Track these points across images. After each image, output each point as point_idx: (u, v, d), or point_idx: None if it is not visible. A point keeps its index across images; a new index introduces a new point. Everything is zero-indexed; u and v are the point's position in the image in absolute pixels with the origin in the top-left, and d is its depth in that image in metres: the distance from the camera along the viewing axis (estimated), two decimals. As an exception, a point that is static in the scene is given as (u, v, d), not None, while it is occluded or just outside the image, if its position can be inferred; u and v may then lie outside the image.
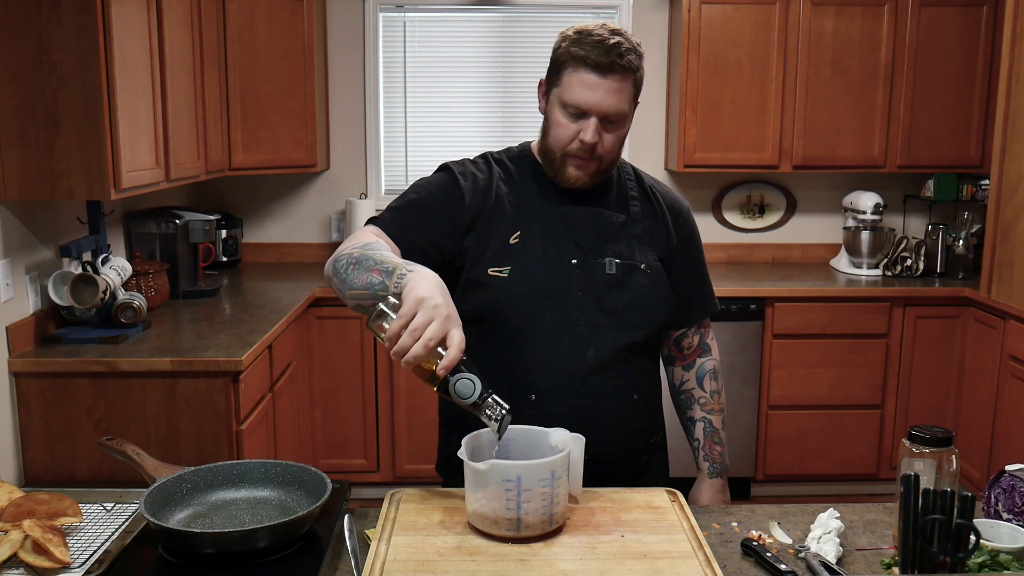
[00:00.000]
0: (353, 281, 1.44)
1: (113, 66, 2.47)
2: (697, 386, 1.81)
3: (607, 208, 1.67)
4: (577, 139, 1.58)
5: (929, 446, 1.37)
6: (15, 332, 2.57)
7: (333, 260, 1.52)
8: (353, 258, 1.46)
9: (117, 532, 1.42)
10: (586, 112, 1.56)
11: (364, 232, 1.59)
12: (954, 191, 4.11)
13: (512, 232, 1.63)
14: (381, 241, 1.55)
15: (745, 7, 3.92)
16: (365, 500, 3.62)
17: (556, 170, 1.63)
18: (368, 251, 1.46)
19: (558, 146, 1.60)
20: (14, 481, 2.53)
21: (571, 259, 1.63)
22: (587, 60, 1.54)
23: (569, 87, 1.56)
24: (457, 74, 4.31)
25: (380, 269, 1.41)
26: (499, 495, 1.31)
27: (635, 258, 1.66)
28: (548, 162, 1.65)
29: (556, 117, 1.60)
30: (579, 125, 1.57)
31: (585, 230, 1.65)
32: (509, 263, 1.62)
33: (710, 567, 1.25)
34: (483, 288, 1.62)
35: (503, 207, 1.65)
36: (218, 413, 2.58)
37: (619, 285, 1.64)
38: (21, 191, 2.49)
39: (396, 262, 1.42)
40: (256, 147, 3.77)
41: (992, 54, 3.94)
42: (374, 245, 1.50)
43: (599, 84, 1.54)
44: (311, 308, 3.69)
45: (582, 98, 1.55)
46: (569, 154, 1.60)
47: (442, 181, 1.69)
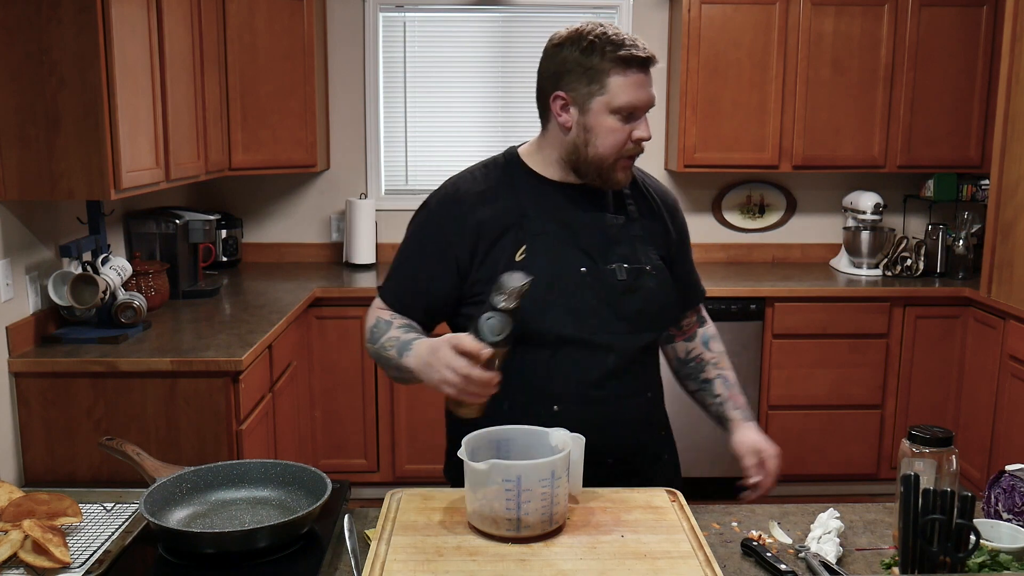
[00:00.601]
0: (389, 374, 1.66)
1: (113, 66, 2.47)
2: (705, 349, 1.81)
3: (606, 211, 1.66)
4: (630, 140, 1.57)
5: (929, 446, 1.37)
6: (15, 332, 2.57)
7: (372, 355, 1.70)
8: (373, 356, 1.68)
9: (117, 532, 1.42)
10: (637, 111, 1.56)
11: (370, 312, 1.71)
12: (954, 191, 4.11)
13: (516, 248, 1.61)
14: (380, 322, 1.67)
15: (745, 7, 3.92)
16: (365, 500, 3.62)
17: (604, 176, 1.61)
18: (373, 345, 1.66)
19: (612, 152, 1.58)
20: (14, 481, 2.53)
21: (580, 267, 1.61)
22: (633, 61, 1.55)
23: (620, 91, 1.55)
24: (457, 74, 4.31)
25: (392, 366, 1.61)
26: (499, 495, 1.31)
27: (640, 260, 1.65)
28: (594, 171, 1.61)
29: (606, 124, 1.56)
30: (631, 126, 1.57)
31: (589, 236, 1.63)
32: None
33: (710, 567, 1.25)
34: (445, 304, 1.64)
35: (501, 225, 1.62)
36: (218, 413, 2.58)
37: (630, 290, 1.63)
38: (21, 191, 2.49)
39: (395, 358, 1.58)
40: (256, 147, 3.77)
41: (992, 54, 3.94)
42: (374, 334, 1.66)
43: (646, 80, 1.57)
44: (311, 308, 3.69)
45: (636, 98, 1.55)
46: (624, 157, 1.59)
47: (432, 224, 1.66)
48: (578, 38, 1.59)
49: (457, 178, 1.70)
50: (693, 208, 4.41)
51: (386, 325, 1.64)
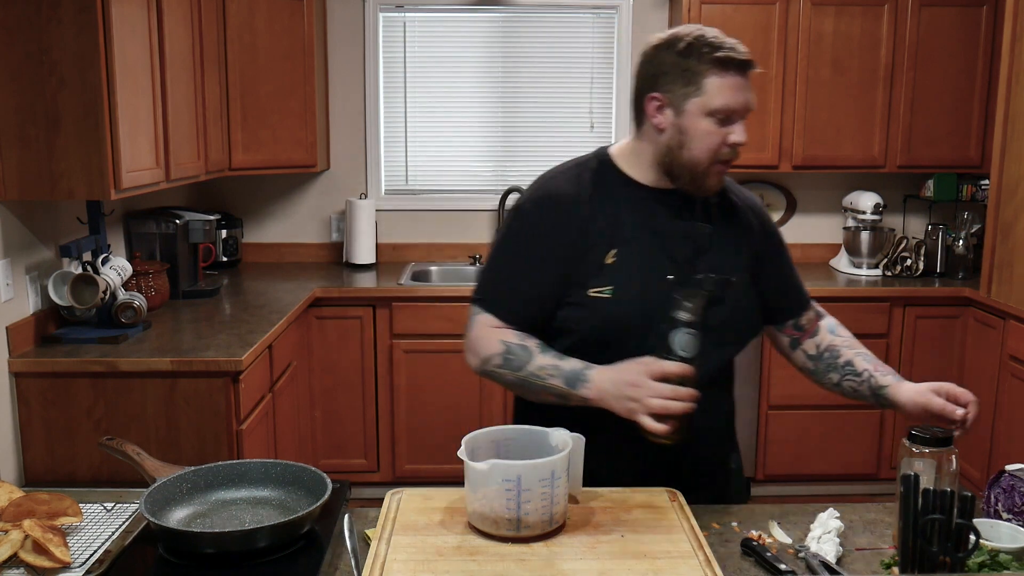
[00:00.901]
0: (530, 397, 1.60)
1: (113, 66, 2.47)
2: (834, 336, 1.76)
3: (695, 219, 1.63)
4: (726, 144, 1.55)
5: (929, 446, 1.37)
6: (15, 332, 2.57)
7: (482, 372, 1.63)
8: (509, 382, 1.60)
9: (117, 532, 1.42)
10: (734, 115, 1.54)
11: (486, 335, 1.61)
12: (954, 191, 4.11)
13: (608, 251, 1.59)
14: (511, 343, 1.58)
15: (745, 7, 3.92)
16: (365, 500, 3.62)
17: (697, 181, 1.59)
18: (518, 373, 1.57)
19: (707, 156, 1.56)
20: (14, 481, 2.53)
21: (667, 275, 1.59)
22: (732, 63, 1.52)
23: (717, 93, 1.53)
24: (457, 74, 4.31)
25: (552, 394, 1.55)
26: (499, 495, 1.31)
27: (727, 270, 1.62)
28: (685, 173, 1.58)
29: (702, 127, 1.55)
30: (727, 129, 1.55)
31: (678, 246, 1.61)
32: (609, 283, 1.58)
33: (710, 567, 1.26)
34: (583, 308, 1.59)
35: (596, 226, 1.60)
36: (218, 413, 2.58)
37: (717, 302, 1.59)
38: (21, 191, 2.49)
39: (559, 387, 1.53)
40: (256, 147, 3.77)
41: (992, 54, 3.93)
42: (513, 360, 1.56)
43: (744, 84, 1.55)
44: (311, 308, 3.69)
45: (734, 101, 1.53)
46: (719, 161, 1.56)
47: (529, 234, 1.63)
48: (676, 40, 1.56)
49: (550, 180, 1.67)
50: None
51: (525, 351, 1.57)
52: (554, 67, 4.30)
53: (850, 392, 1.72)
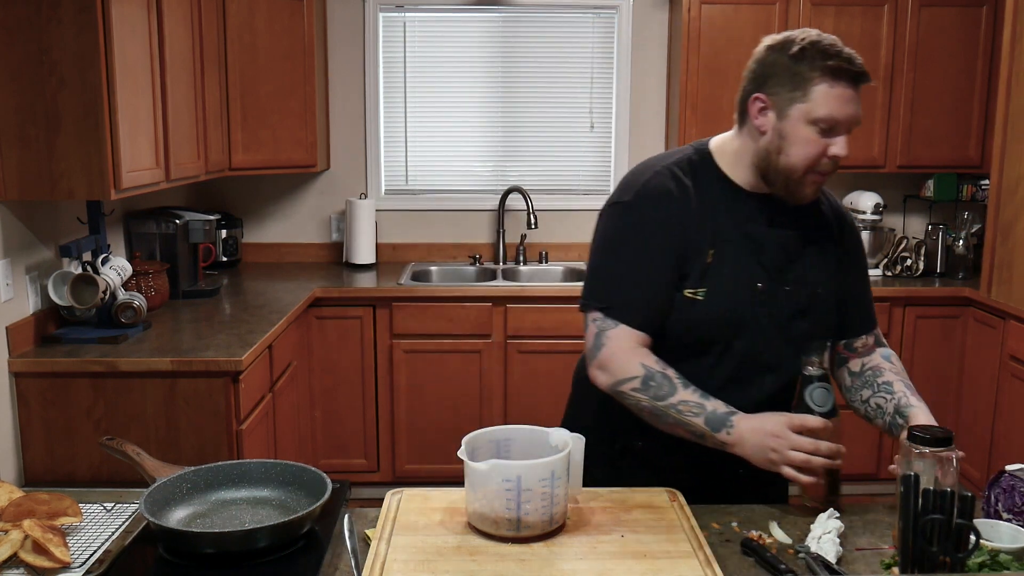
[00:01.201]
0: (659, 425, 1.56)
1: (113, 66, 2.47)
2: (884, 361, 1.72)
3: (788, 227, 1.61)
4: (825, 156, 1.52)
5: (929, 446, 1.37)
6: (15, 332, 2.57)
7: (614, 392, 1.57)
8: (644, 408, 1.55)
9: (117, 532, 1.42)
10: (838, 126, 1.51)
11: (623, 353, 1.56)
12: (954, 191, 4.11)
13: (707, 251, 1.57)
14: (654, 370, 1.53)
15: (745, 7, 3.92)
16: (365, 500, 3.62)
17: (791, 188, 1.56)
18: (657, 402, 1.53)
19: (804, 164, 1.53)
20: (14, 481, 2.53)
21: (757, 283, 1.58)
22: (844, 73, 1.48)
23: (824, 102, 1.49)
24: (457, 74, 4.31)
25: (686, 430, 1.53)
26: (499, 495, 1.31)
27: (813, 282, 1.61)
28: (780, 179, 1.56)
29: (803, 134, 1.52)
30: (829, 140, 1.51)
31: (770, 252, 1.59)
32: (704, 284, 1.56)
33: (710, 567, 1.26)
34: (679, 310, 1.57)
35: (700, 222, 1.58)
36: (218, 413, 2.58)
37: (801, 313, 1.59)
38: (21, 191, 2.49)
39: (699, 425, 1.51)
40: (256, 147, 3.77)
41: (992, 54, 3.93)
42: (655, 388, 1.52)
43: (854, 97, 1.50)
44: (311, 308, 3.69)
45: (840, 112, 1.49)
46: (815, 171, 1.54)
47: (644, 231, 1.58)
48: (789, 43, 1.53)
49: (654, 175, 1.61)
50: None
51: (667, 381, 1.53)
52: (554, 67, 4.30)
53: (874, 410, 1.68)
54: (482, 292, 3.79)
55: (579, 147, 4.35)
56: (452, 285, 3.92)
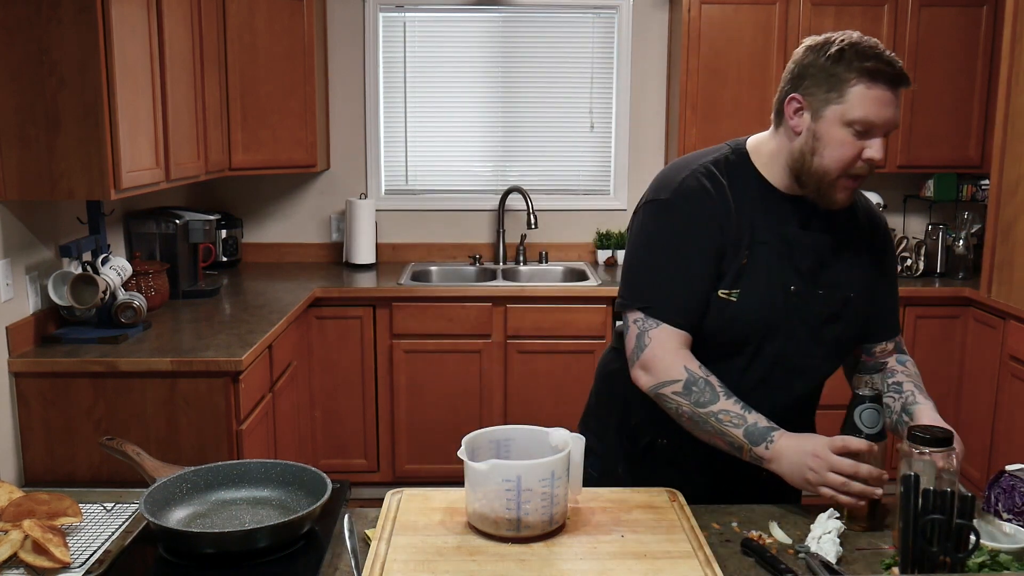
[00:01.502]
0: (691, 430, 1.56)
1: (113, 66, 2.47)
2: (898, 364, 1.71)
3: (823, 231, 1.60)
4: (861, 159, 1.49)
5: (929, 446, 1.37)
6: (15, 332, 2.57)
7: (655, 394, 1.56)
8: (684, 413, 1.54)
9: (117, 532, 1.42)
10: (873, 129, 1.48)
11: (666, 355, 1.54)
12: (954, 191, 4.11)
13: (743, 252, 1.56)
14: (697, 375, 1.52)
15: (745, 7, 3.92)
16: (365, 500, 3.62)
17: (824, 191, 1.54)
18: (698, 409, 1.52)
19: (839, 166, 1.50)
20: (14, 481, 2.53)
21: (790, 286, 1.57)
22: (882, 75, 1.46)
23: (859, 104, 1.47)
24: (457, 74, 4.31)
25: (723, 440, 1.52)
26: (499, 495, 1.31)
27: (846, 287, 1.60)
28: (814, 183, 1.54)
29: (838, 136, 1.49)
30: (864, 143, 1.49)
31: (805, 257, 1.58)
32: (738, 286, 1.56)
33: (710, 567, 1.26)
34: (713, 310, 1.56)
35: (738, 223, 1.57)
36: (218, 413, 2.58)
37: (834, 318, 1.58)
38: (21, 191, 2.49)
39: (738, 437, 1.49)
40: (256, 147, 3.77)
41: (992, 54, 3.93)
42: (697, 395, 1.51)
43: (891, 100, 1.48)
44: (311, 308, 3.69)
45: (876, 115, 1.47)
46: (849, 175, 1.51)
47: (684, 228, 1.57)
48: (828, 44, 1.51)
49: (690, 174, 1.60)
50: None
51: (710, 389, 1.52)
52: (554, 67, 4.30)
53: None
54: (482, 292, 3.79)
55: (579, 147, 4.35)
56: (452, 285, 3.92)
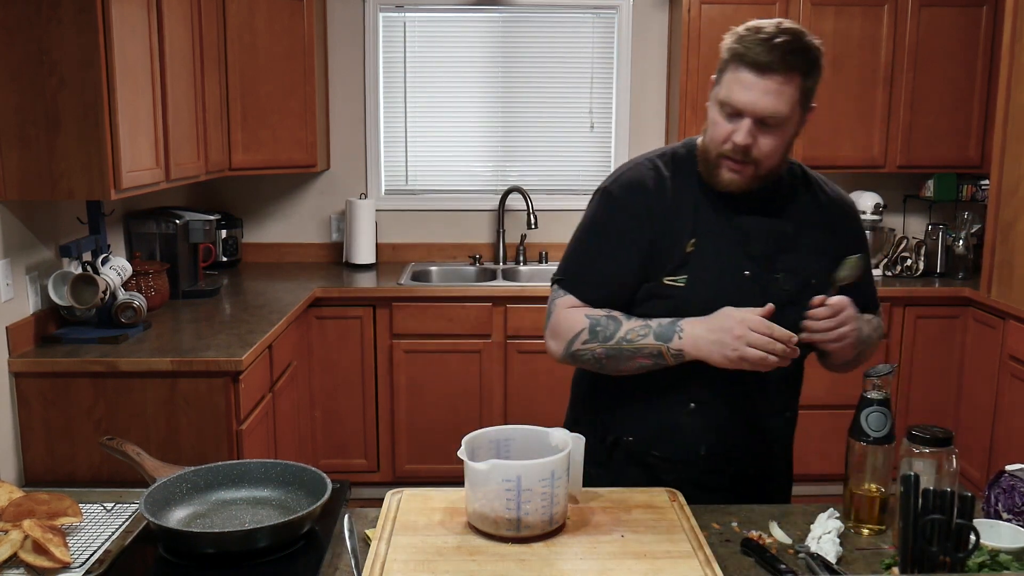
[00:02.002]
0: (618, 369, 1.59)
1: (113, 66, 2.47)
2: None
3: (777, 216, 1.61)
4: (730, 140, 1.52)
5: (929, 446, 1.37)
6: (15, 332, 2.57)
7: (569, 356, 1.61)
8: (599, 355, 1.58)
9: (117, 532, 1.42)
10: (741, 112, 1.50)
11: (569, 317, 1.60)
12: (954, 191, 4.11)
13: (688, 239, 1.58)
14: (597, 316, 1.57)
15: (745, 7, 3.92)
16: (365, 500, 3.62)
17: (711, 172, 1.57)
18: (608, 343, 1.56)
19: (712, 146, 1.55)
20: (14, 481, 2.53)
21: (744, 271, 1.58)
22: (746, 58, 1.48)
23: (727, 85, 1.51)
24: (457, 74, 4.31)
25: (644, 355, 1.55)
26: (499, 495, 1.31)
27: (806, 272, 1.61)
28: (703, 163, 1.59)
29: (712, 115, 1.55)
30: (733, 125, 1.51)
31: (758, 242, 1.59)
32: (685, 272, 1.58)
33: (710, 567, 1.26)
34: (658, 299, 1.59)
35: (678, 215, 1.59)
36: (218, 413, 2.58)
37: (792, 302, 1.58)
38: (21, 191, 2.49)
39: (651, 344, 1.53)
40: (256, 147, 3.77)
41: (992, 54, 3.93)
42: (601, 331, 1.56)
43: (756, 84, 1.48)
44: (311, 308, 3.69)
45: (737, 97, 1.49)
46: (723, 155, 1.54)
47: (611, 216, 1.63)
48: (744, 27, 1.54)
49: (636, 166, 1.66)
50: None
51: (612, 320, 1.57)
52: (554, 67, 4.30)
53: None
54: (482, 292, 3.79)
55: (579, 147, 4.35)
56: (452, 285, 3.92)
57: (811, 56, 1.51)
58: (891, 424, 1.48)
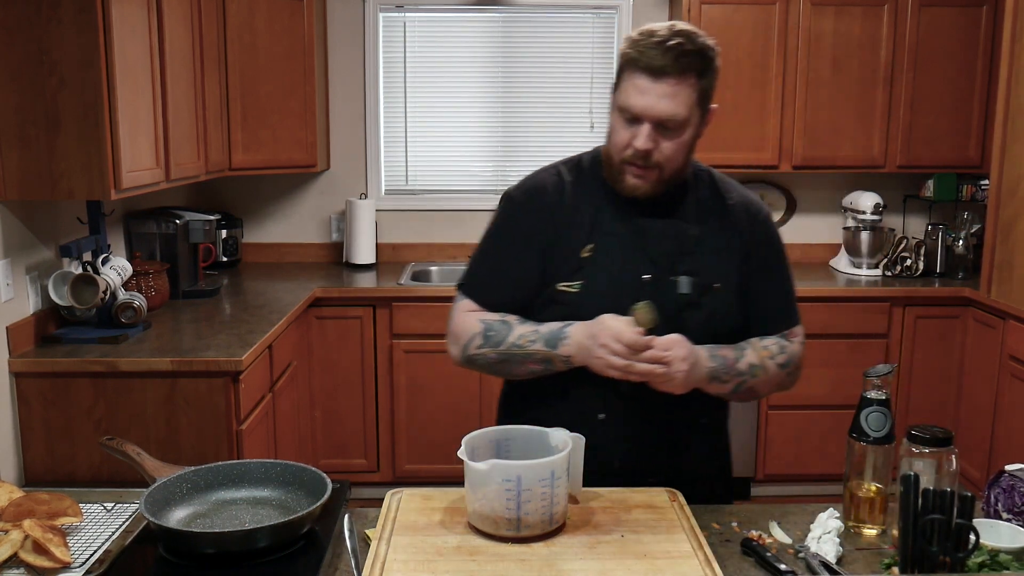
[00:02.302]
0: (512, 373, 1.61)
1: (113, 66, 2.47)
2: (757, 339, 1.63)
3: (682, 219, 1.60)
4: (631, 146, 1.51)
5: (929, 446, 1.37)
6: (15, 332, 2.57)
7: (465, 359, 1.62)
8: (492, 359, 1.59)
9: (117, 532, 1.42)
10: (640, 117, 1.49)
11: (465, 320, 1.63)
12: (954, 191, 4.11)
13: (585, 244, 1.58)
14: (491, 321, 1.60)
15: (745, 7, 3.92)
16: (365, 500, 3.61)
17: (615, 178, 1.57)
18: (499, 348, 1.57)
19: (615, 152, 1.55)
20: (14, 481, 2.53)
21: (643, 275, 1.57)
22: (639, 62, 1.48)
23: (624, 91, 1.51)
24: (457, 74, 4.31)
25: (534, 361, 1.56)
26: (499, 495, 1.31)
27: (709, 276, 1.59)
28: (608, 169, 1.59)
29: (613, 122, 1.55)
30: (633, 131, 1.51)
31: (660, 245, 1.58)
32: (580, 277, 1.57)
33: (710, 567, 1.26)
34: (555, 305, 1.58)
35: (576, 219, 1.59)
36: (218, 413, 2.58)
37: (692, 306, 1.57)
38: (21, 191, 2.49)
39: (540, 350, 1.54)
40: (256, 147, 3.77)
41: (992, 54, 3.93)
42: (493, 336, 1.58)
43: (651, 88, 1.48)
44: (311, 308, 3.69)
45: (634, 102, 1.49)
46: (625, 161, 1.53)
47: (515, 216, 1.65)
48: (638, 31, 1.55)
49: (539, 172, 1.69)
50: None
51: (504, 325, 1.58)
52: (554, 67, 4.30)
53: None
54: (482, 292, 3.78)
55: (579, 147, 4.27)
56: (452, 285, 3.90)
57: (705, 56, 1.51)
58: (891, 424, 1.48)
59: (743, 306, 1.63)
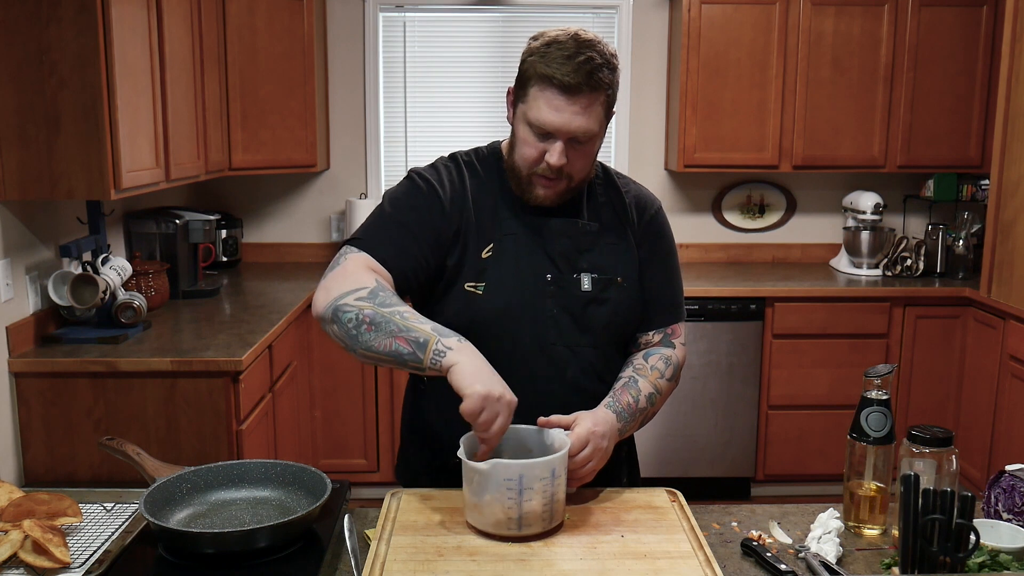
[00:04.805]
0: (371, 343, 1.40)
1: (113, 66, 2.47)
2: (642, 359, 1.63)
3: (579, 217, 1.60)
4: (544, 160, 1.50)
5: (929, 446, 1.37)
6: (15, 332, 2.57)
7: (333, 308, 1.44)
8: (366, 316, 1.40)
9: (117, 532, 1.42)
10: (554, 133, 1.48)
11: (358, 270, 1.48)
12: (954, 191, 4.11)
13: (485, 245, 1.56)
14: (386, 286, 1.46)
15: (745, 7, 3.92)
16: (365, 500, 3.62)
17: (523, 188, 1.55)
18: (382, 309, 1.40)
19: (524, 165, 1.53)
20: (14, 481, 2.53)
21: (546, 274, 1.56)
22: (553, 80, 1.45)
23: (535, 106, 1.48)
24: (457, 74, 4.31)
25: (407, 339, 1.37)
26: (500, 494, 1.31)
27: (610, 271, 1.59)
28: (514, 179, 1.57)
29: (522, 134, 1.52)
30: (545, 145, 1.49)
31: (559, 243, 1.57)
32: (484, 279, 1.55)
33: (710, 567, 1.26)
34: (460, 304, 1.56)
35: (477, 216, 1.57)
36: (218, 413, 2.58)
37: (596, 302, 1.57)
38: (21, 191, 2.49)
39: (425, 331, 1.37)
40: (256, 147, 3.77)
41: (992, 54, 3.94)
42: (383, 297, 1.42)
43: (565, 106, 1.46)
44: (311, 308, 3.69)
45: (548, 119, 1.47)
46: (536, 174, 1.52)
47: (421, 193, 1.58)
48: (536, 39, 1.54)
49: (442, 164, 1.63)
50: (693, 208, 4.41)
51: (397, 298, 1.45)
52: (554, 67, 4.30)
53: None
54: (482, 292, 3.78)
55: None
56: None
57: (614, 68, 1.50)
58: (891, 424, 1.48)
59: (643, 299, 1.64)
